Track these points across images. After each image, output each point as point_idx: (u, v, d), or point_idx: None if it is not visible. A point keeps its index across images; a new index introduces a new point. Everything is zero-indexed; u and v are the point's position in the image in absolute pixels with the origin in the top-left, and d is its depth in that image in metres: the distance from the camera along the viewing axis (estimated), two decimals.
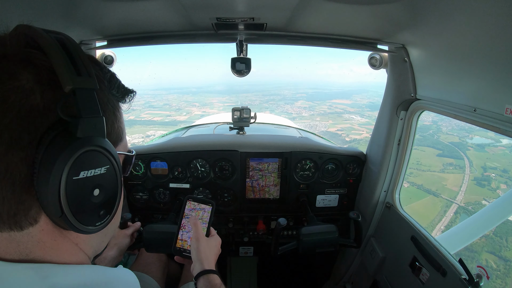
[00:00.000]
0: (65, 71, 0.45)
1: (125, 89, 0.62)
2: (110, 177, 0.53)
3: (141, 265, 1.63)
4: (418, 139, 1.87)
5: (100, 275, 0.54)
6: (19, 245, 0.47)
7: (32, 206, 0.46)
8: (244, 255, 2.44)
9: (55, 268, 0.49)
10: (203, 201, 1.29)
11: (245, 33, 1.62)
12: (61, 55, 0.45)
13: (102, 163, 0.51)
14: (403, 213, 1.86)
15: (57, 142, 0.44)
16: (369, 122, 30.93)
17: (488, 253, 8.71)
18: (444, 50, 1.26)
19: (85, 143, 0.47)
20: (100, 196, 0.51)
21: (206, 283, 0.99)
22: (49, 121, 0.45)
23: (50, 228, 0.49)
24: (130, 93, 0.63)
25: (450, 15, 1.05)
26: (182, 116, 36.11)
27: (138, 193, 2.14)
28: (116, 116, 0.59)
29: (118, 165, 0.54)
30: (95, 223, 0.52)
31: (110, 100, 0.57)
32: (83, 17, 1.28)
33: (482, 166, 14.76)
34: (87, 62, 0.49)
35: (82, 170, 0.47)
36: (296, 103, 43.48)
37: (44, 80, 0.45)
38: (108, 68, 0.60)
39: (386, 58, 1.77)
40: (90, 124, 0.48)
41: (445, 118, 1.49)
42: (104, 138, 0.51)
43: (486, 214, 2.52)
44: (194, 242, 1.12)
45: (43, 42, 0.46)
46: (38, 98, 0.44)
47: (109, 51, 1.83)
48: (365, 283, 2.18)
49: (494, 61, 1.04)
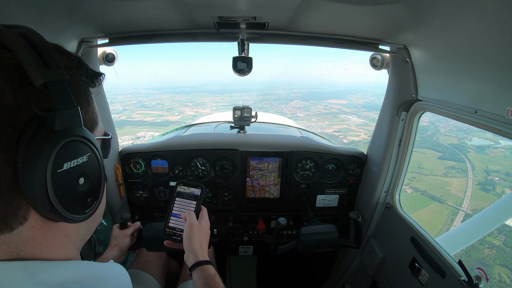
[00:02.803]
0: (33, 66, 0.44)
1: (93, 72, 0.61)
2: (92, 164, 0.53)
3: (141, 263, 1.63)
4: (417, 141, 1.86)
5: (89, 270, 0.55)
6: (9, 246, 0.47)
7: (21, 205, 0.46)
8: (244, 254, 2.44)
9: (43, 265, 0.49)
10: (193, 185, 1.29)
11: (247, 32, 1.62)
12: (27, 50, 0.44)
13: (83, 151, 0.51)
14: (403, 214, 1.86)
15: (36, 138, 0.44)
16: (366, 122, 30.51)
17: (500, 266, 8.19)
18: (446, 51, 1.26)
19: (64, 135, 0.47)
20: (86, 184, 0.52)
21: (201, 275, 0.99)
22: (25, 119, 0.44)
23: (40, 224, 0.49)
24: (98, 76, 0.62)
25: (452, 17, 1.05)
26: (174, 116, 35.78)
27: (138, 191, 2.14)
28: (89, 102, 0.59)
29: (98, 151, 0.55)
30: (85, 211, 0.53)
31: (81, 87, 0.57)
32: (85, 15, 1.28)
33: (485, 170, 14.39)
34: (54, 53, 0.48)
35: (65, 162, 0.47)
36: (290, 103, 43.06)
37: (13, 78, 0.44)
38: (74, 54, 0.59)
39: (387, 58, 1.77)
40: (67, 115, 0.47)
41: (442, 118, 1.49)
42: (81, 127, 0.51)
43: (486, 216, 2.51)
44: (187, 228, 1.10)
45: (6, 39, 0.45)
46: (11, 98, 0.43)
47: (110, 49, 1.83)
48: (364, 283, 2.18)
49: (495, 62, 1.03)
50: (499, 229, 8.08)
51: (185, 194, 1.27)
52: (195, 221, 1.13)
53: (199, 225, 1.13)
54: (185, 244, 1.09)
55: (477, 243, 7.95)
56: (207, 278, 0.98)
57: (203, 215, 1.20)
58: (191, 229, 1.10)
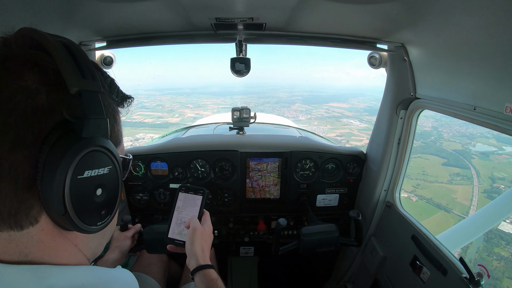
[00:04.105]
0: (71, 73, 0.45)
1: (123, 94, 0.64)
2: (112, 178, 0.53)
3: (142, 266, 1.63)
4: (421, 147, 1.85)
5: (97, 276, 0.55)
6: (19, 245, 0.47)
7: (34, 205, 0.46)
8: (245, 255, 2.44)
9: (52, 269, 0.49)
10: (195, 189, 1.29)
11: (244, 33, 1.62)
12: (66, 57, 0.46)
13: (106, 163, 0.52)
14: (404, 212, 1.86)
15: (62, 141, 0.45)
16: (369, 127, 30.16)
17: (509, 279, 7.64)
18: (444, 48, 1.26)
19: (90, 143, 0.48)
20: (103, 195, 0.52)
21: (203, 279, 1.00)
22: (53, 121, 0.46)
23: (50, 228, 0.49)
24: (128, 99, 0.65)
25: (449, 14, 1.05)
26: (174, 118, 35.38)
27: (138, 194, 2.14)
28: (116, 120, 0.61)
29: (120, 166, 0.55)
30: (97, 223, 0.53)
31: (110, 104, 0.59)
32: (82, 18, 1.28)
33: (490, 177, 13.88)
34: (91, 65, 0.50)
35: (87, 170, 0.48)
36: (292, 106, 42.84)
37: (49, 81, 0.46)
38: (108, 74, 0.62)
39: (385, 57, 1.77)
40: (95, 125, 0.49)
41: (445, 124, 1.49)
42: (107, 139, 0.52)
43: (486, 213, 2.52)
44: (191, 232, 1.11)
45: (49, 44, 0.46)
46: (43, 99, 0.45)
47: (108, 52, 1.83)
48: (366, 282, 2.18)
49: (493, 59, 1.04)
50: (508, 240, 7.85)
51: (187, 199, 1.27)
52: (199, 225, 1.14)
53: (202, 229, 1.14)
54: (187, 248, 1.10)
55: (485, 255, 7.77)
56: (209, 282, 0.99)
57: (205, 219, 1.21)
58: (194, 233, 1.10)
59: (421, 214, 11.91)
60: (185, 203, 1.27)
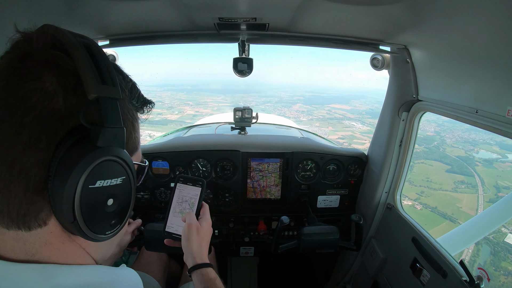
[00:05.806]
0: (90, 78, 0.44)
1: (144, 99, 0.62)
2: (125, 188, 0.52)
3: (141, 265, 1.63)
4: (424, 152, 1.83)
5: (103, 275, 0.54)
6: (26, 245, 0.47)
7: (43, 208, 0.46)
8: (245, 255, 2.44)
9: (58, 269, 0.49)
10: (193, 181, 1.22)
11: (247, 33, 1.62)
12: (87, 61, 0.45)
13: (119, 174, 0.51)
14: (404, 214, 1.85)
15: (76, 148, 0.44)
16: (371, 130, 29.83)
17: None
18: (446, 51, 1.26)
19: (105, 152, 0.47)
20: (114, 206, 0.51)
21: (201, 278, 0.96)
22: (69, 126, 0.45)
23: (59, 231, 0.49)
24: (148, 104, 0.63)
25: (452, 16, 1.05)
26: (173, 115, 34.89)
27: (139, 193, 2.14)
28: (134, 127, 0.59)
29: (134, 176, 0.54)
30: (106, 232, 0.52)
31: (129, 110, 0.57)
32: (85, 16, 1.28)
33: (495, 185, 13.52)
34: (112, 70, 0.49)
35: (99, 180, 0.47)
36: (293, 106, 42.48)
37: (68, 84, 0.45)
38: (130, 77, 0.60)
39: (388, 59, 1.77)
40: (111, 134, 0.47)
41: (447, 129, 1.48)
42: (123, 150, 0.51)
43: (487, 216, 2.51)
44: (186, 229, 1.06)
45: (70, 45, 0.45)
46: (61, 102, 0.44)
47: (111, 51, 1.83)
48: (365, 284, 2.18)
49: (496, 62, 1.03)
50: None
51: (186, 190, 1.21)
52: (195, 221, 1.07)
53: (198, 225, 1.06)
54: (183, 245, 1.05)
55: (492, 270, 7.61)
56: (208, 281, 0.95)
57: (204, 213, 1.14)
58: (190, 230, 1.04)
59: (426, 224, 11.56)
60: (183, 194, 1.20)
